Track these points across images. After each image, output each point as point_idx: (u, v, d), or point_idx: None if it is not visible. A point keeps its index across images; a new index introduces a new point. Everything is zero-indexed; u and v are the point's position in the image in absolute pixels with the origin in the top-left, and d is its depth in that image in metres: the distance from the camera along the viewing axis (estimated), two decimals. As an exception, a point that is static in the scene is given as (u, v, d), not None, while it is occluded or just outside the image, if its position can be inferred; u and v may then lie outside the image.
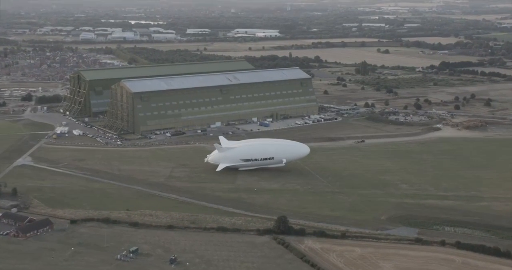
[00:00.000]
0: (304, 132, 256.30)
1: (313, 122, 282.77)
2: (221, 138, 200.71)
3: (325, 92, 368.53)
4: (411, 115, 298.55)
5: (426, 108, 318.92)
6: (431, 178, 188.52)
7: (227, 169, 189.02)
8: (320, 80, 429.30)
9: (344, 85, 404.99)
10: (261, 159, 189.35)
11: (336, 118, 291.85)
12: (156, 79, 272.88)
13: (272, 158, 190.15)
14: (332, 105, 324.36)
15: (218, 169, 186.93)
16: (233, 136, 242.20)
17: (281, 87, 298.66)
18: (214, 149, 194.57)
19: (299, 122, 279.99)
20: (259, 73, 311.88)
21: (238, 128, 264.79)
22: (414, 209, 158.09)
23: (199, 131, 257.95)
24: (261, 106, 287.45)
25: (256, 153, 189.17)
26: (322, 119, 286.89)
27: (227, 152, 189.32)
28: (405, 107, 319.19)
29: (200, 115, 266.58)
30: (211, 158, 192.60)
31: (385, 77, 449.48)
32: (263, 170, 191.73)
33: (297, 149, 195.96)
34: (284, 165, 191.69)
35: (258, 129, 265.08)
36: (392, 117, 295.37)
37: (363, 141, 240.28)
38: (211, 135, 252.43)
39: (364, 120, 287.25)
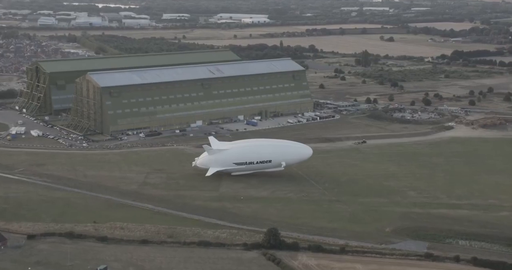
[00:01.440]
0: (297, 132, 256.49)
1: (307, 120, 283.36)
2: (211, 139, 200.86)
3: (321, 86, 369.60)
4: (419, 113, 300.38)
5: (436, 104, 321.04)
6: (443, 184, 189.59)
7: (213, 175, 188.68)
8: (315, 72, 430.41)
9: (343, 78, 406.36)
10: (257, 162, 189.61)
11: (333, 116, 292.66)
12: (128, 71, 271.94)
13: (270, 161, 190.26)
14: (329, 101, 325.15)
15: (208, 173, 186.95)
16: (218, 137, 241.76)
17: (271, 81, 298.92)
18: (194, 151, 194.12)
19: (291, 121, 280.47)
20: (245, 65, 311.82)
21: (222, 128, 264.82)
22: (423, 220, 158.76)
23: (177, 131, 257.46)
24: (248, 103, 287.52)
25: (251, 155, 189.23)
26: (318, 117, 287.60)
27: (218, 155, 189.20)
28: (412, 103, 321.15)
29: (179, 113, 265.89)
30: (199, 161, 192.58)
31: (389, 69, 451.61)
32: (251, 175, 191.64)
33: (298, 151, 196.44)
34: (283, 168, 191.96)
35: (245, 129, 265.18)
36: (397, 114, 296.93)
37: (364, 142, 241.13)
38: (191, 135, 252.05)
39: (366, 118, 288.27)
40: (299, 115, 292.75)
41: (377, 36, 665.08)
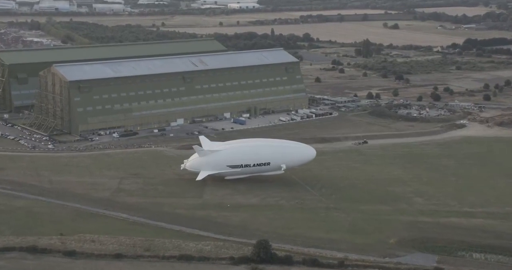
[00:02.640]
0: (291, 131, 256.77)
1: (301, 118, 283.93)
2: (203, 138, 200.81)
3: (317, 80, 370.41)
4: (427, 109, 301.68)
5: (446, 99, 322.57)
6: (454, 189, 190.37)
7: (205, 179, 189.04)
8: (311, 64, 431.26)
9: (341, 71, 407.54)
10: (254, 165, 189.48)
11: (331, 114, 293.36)
12: (99, 64, 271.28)
13: (269, 163, 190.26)
14: (326, 97, 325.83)
15: (199, 177, 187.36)
16: (199, 136, 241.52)
17: (261, 74, 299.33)
18: (175, 153, 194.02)
19: (283, 119, 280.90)
20: (232, 56, 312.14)
21: (206, 127, 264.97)
22: (432, 230, 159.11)
23: (156, 131, 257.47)
24: (235, 99, 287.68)
25: (247, 157, 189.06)
26: (313, 115, 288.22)
27: (210, 156, 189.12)
28: (420, 99, 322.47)
29: (157, 111, 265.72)
30: (189, 163, 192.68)
31: (393, 60, 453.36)
32: (238, 181, 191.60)
33: (300, 152, 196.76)
34: (283, 172, 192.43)
35: (232, 128, 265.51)
36: (402, 111, 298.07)
37: (365, 142, 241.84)
38: (172, 135, 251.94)
39: (367, 115, 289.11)
40: (293, 112, 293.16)
41: (380, 23, 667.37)
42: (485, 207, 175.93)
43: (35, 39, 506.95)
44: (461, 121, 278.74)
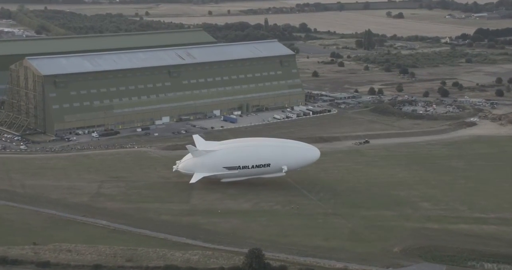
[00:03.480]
0: (286, 130, 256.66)
1: (297, 116, 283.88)
2: (197, 137, 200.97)
3: (315, 74, 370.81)
4: (435, 106, 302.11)
5: (455, 95, 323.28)
6: (463, 193, 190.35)
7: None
8: (308, 57, 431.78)
9: (341, 64, 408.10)
10: (253, 166, 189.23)
11: (329, 111, 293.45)
12: (77, 56, 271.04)
13: (269, 165, 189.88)
14: (324, 93, 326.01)
15: (193, 180, 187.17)
16: (186, 135, 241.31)
17: (253, 68, 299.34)
18: (160, 154, 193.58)
19: (278, 117, 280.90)
20: (222, 49, 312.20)
21: (194, 126, 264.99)
22: (439, 238, 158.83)
23: (139, 130, 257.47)
24: (225, 95, 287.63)
25: (245, 157, 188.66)
26: (311, 112, 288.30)
27: (205, 157, 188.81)
28: (426, 94, 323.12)
29: (141, 108, 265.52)
30: (182, 165, 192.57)
31: (397, 53, 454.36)
32: (228, 184, 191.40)
33: (303, 152, 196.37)
34: (284, 174, 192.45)
35: (222, 126, 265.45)
36: (407, 108, 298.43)
37: (367, 142, 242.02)
38: (156, 134, 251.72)
39: (369, 113, 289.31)
40: (288, 109, 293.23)
41: (383, 12, 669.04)
42: (498, 213, 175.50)
43: (6, 29, 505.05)
44: (472, 119, 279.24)
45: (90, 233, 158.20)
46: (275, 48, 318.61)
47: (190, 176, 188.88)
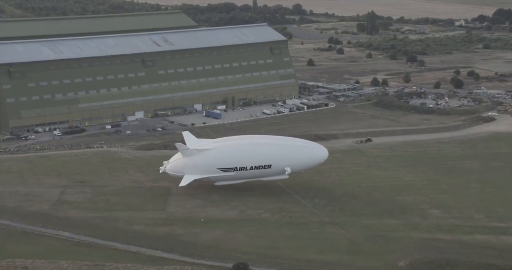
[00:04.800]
0: (276, 127, 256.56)
1: (290, 110, 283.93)
2: (187, 134, 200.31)
3: (310, 62, 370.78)
4: (447, 98, 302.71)
5: (471, 86, 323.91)
6: (479, 199, 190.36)
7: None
8: (302, 43, 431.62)
9: (340, 52, 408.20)
10: (252, 168, 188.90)
11: (326, 105, 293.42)
12: (36, 42, 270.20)
13: (270, 166, 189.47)
14: (320, 84, 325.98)
15: (183, 183, 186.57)
16: (163, 133, 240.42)
17: (240, 56, 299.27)
18: (133, 155, 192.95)
19: (268, 111, 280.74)
20: (204, 34, 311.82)
21: (172, 122, 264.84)
22: (452, 250, 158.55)
23: (108, 127, 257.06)
24: (208, 87, 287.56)
25: (243, 157, 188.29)
26: (305, 106, 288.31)
27: (197, 157, 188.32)
28: (437, 86, 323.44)
29: (110, 102, 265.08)
30: (170, 166, 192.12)
31: (405, 38, 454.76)
32: (210, 190, 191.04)
33: (309, 152, 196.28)
34: (287, 176, 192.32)
35: (204, 123, 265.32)
36: (415, 101, 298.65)
37: (369, 140, 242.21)
38: (129, 132, 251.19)
39: (372, 106, 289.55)
40: (279, 103, 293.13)
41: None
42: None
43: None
44: (489, 113, 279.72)
45: (51, 247, 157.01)
46: (265, 33, 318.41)
47: (180, 178, 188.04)
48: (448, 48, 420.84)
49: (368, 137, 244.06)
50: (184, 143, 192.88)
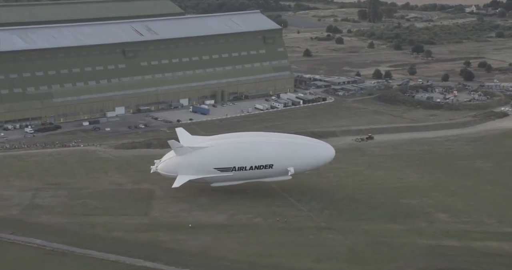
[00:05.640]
0: (270, 123, 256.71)
1: (285, 106, 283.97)
2: (181, 131, 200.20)
3: (307, 53, 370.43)
4: (456, 92, 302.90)
5: (482, 78, 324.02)
6: (490, 202, 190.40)
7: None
8: (298, 32, 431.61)
9: (340, 41, 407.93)
10: (252, 168, 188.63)
11: (324, 99, 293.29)
12: (5, 30, 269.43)
13: (271, 166, 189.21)
14: (318, 77, 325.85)
15: (176, 184, 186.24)
16: (146, 131, 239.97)
17: (230, 46, 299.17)
18: (113, 154, 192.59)
19: (260, 107, 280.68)
20: (191, 22, 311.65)
21: (156, 118, 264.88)
22: (460, 258, 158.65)
23: (86, 123, 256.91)
24: (195, 80, 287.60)
25: (242, 156, 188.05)
26: (301, 101, 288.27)
27: (192, 155, 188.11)
28: (445, 78, 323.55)
29: (88, 96, 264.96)
30: (162, 165, 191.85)
31: (410, 26, 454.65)
32: (198, 192, 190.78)
33: (314, 151, 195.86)
34: (290, 177, 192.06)
35: (191, 119, 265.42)
36: (421, 95, 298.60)
37: (370, 138, 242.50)
38: (108, 129, 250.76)
39: (373, 101, 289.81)
40: (273, 98, 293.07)
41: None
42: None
43: None
44: (502, 108, 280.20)
45: (21, 256, 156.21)
46: (258, 21, 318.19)
47: (173, 178, 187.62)
48: (458, 37, 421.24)
49: (370, 135, 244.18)
50: (178, 140, 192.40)
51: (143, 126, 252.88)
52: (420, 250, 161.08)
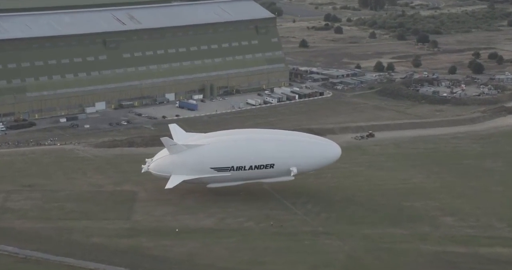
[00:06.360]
0: (263, 120, 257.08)
1: (279, 101, 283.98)
2: (174, 128, 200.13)
3: (303, 44, 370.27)
4: (463, 86, 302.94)
5: (492, 71, 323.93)
6: (501, 205, 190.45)
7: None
8: (294, 21, 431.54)
9: (339, 31, 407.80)
10: (252, 167, 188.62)
11: (322, 94, 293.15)
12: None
13: (272, 166, 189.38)
14: (315, 69, 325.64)
15: (169, 185, 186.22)
16: (128, 128, 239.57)
17: (220, 37, 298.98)
18: (93, 153, 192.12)
19: (253, 102, 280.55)
20: (178, 10, 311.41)
21: (140, 114, 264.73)
22: (467, 265, 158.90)
23: (63, 120, 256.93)
24: (182, 73, 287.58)
25: (241, 155, 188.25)
26: (296, 96, 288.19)
27: (187, 154, 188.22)
28: (452, 71, 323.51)
29: (65, 90, 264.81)
30: (154, 164, 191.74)
31: (415, 14, 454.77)
32: (184, 193, 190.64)
33: (318, 149, 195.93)
34: (292, 178, 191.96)
35: (178, 115, 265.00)
36: (426, 89, 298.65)
37: (371, 135, 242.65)
38: (87, 126, 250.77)
39: (375, 95, 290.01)
40: (266, 92, 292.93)
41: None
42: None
43: None
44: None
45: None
46: (250, 9, 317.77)
47: (166, 179, 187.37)
48: (466, 26, 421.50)
49: (370, 132, 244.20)
50: (171, 137, 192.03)
51: (125, 123, 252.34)
52: (424, 257, 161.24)
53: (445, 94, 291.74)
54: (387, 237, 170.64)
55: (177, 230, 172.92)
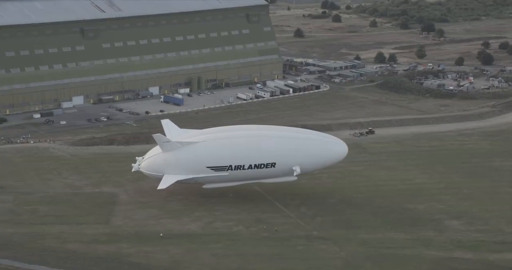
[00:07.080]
0: (254, 115, 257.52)
1: (272, 95, 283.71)
2: (167, 123, 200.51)
3: (298, 33, 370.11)
4: (471, 78, 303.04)
5: (503, 62, 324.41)
6: (511, 207, 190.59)
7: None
8: (289, 8, 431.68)
9: (337, 19, 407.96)
10: (251, 167, 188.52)
11: (318, 87, 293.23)
12: None
13: (273, 165, 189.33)
14: (311, 61, 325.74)
15: (162, 185, 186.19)
16: (108, 124, 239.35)
17: (208, 26, 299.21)
18: (69, 152, 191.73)
19: (243, 96, 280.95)
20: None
21: (121, 110, 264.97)
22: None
23: (37, 116, 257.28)
24: (167, 64, 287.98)
25: (240, 153, 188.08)
26: (291, 90, 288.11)
27: (181, 152, 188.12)
28: (459, 62, 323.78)
29: (39, 84, 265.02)
30: (146, 163, 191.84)
31: (419, 1, 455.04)
32: (168, 196, 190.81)
33: (323, 147, 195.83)
34: (295, 178, 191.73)
35: (162, 110, 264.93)
36: (431, 82, 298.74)
37: (371, 132, 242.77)
38: (64, 123, 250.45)
39: (375, 89, 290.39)
40: (258, 85, 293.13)
41: None
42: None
43: None
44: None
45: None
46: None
47: (158, 178, 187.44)
48: (475, 14, 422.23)
49: (370, 128, 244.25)
50: (164, 134, 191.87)
51: (105, 120, 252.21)
52: (428, 264, 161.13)
53: (451, 87, 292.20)
54: (388, 242, 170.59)
55: (161, 234, 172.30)
